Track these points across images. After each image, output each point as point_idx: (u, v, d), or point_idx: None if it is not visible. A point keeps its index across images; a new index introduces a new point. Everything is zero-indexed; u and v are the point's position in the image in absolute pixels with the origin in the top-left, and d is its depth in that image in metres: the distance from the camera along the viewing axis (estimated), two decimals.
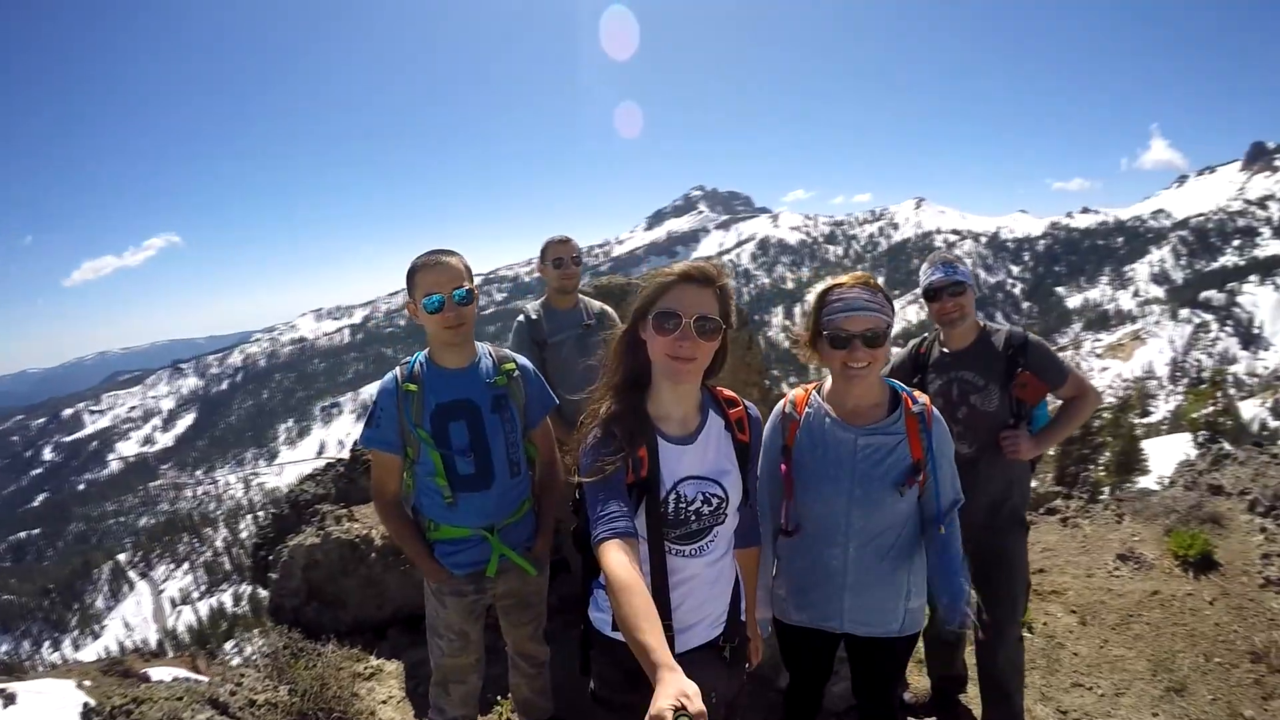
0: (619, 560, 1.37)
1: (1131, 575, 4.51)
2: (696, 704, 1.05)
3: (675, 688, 1.09)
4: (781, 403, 2.10)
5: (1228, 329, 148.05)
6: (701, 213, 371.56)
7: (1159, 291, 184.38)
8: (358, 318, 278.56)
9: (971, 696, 3.33)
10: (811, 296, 2.01)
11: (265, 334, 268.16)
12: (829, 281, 1.95)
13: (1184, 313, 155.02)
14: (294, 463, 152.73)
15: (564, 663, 2.58)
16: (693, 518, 1.63)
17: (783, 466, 1.99)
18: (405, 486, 2.30)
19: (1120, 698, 3.34)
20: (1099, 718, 3.21)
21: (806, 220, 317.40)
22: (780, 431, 2.03)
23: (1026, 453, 2.57)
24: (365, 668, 3.36)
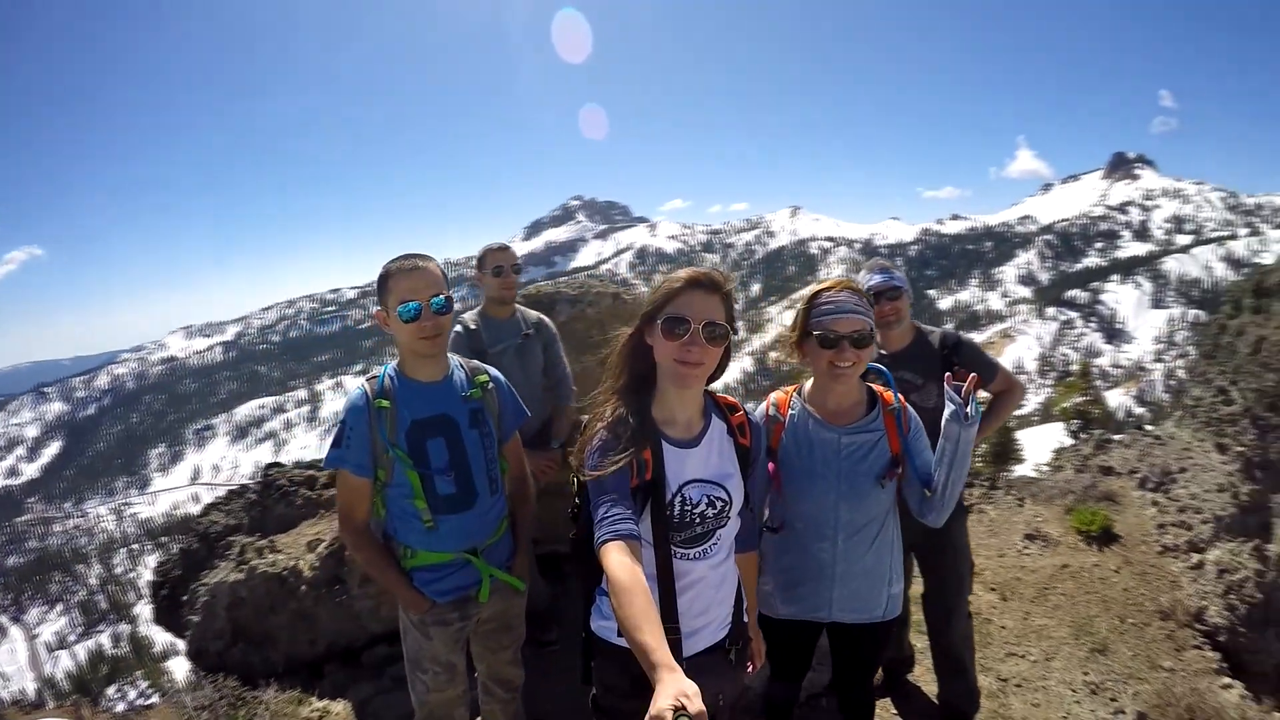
0: (620, 561, 1.38)
1: (1040, 552, 4.84)
2: (696, 704, 1.06)
3: (674, 688, 1.10)
4: (764, 405, 2.14)
5: (1092, 325, 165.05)
6: (580, 223, 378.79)
7: (1026, 292, 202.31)
8: (230, 334, 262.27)
9: (917, 675, 3.48)
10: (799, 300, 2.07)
11: (133, 353, 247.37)
12: (815, 286, 2.03)
13: (1050, 311, 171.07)
14: (168, 490, 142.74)
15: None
16: (697, 520, 1.64)
17: (770, 466, 2.03)
18: (375, 512, 2.14)
19: (1051, 662, 3.59)
20: (1036, 681, 3.44)
21: (684, 229, 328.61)
22: (765, 433, 2.06)
23: None
24: (311, 710, 3.09)
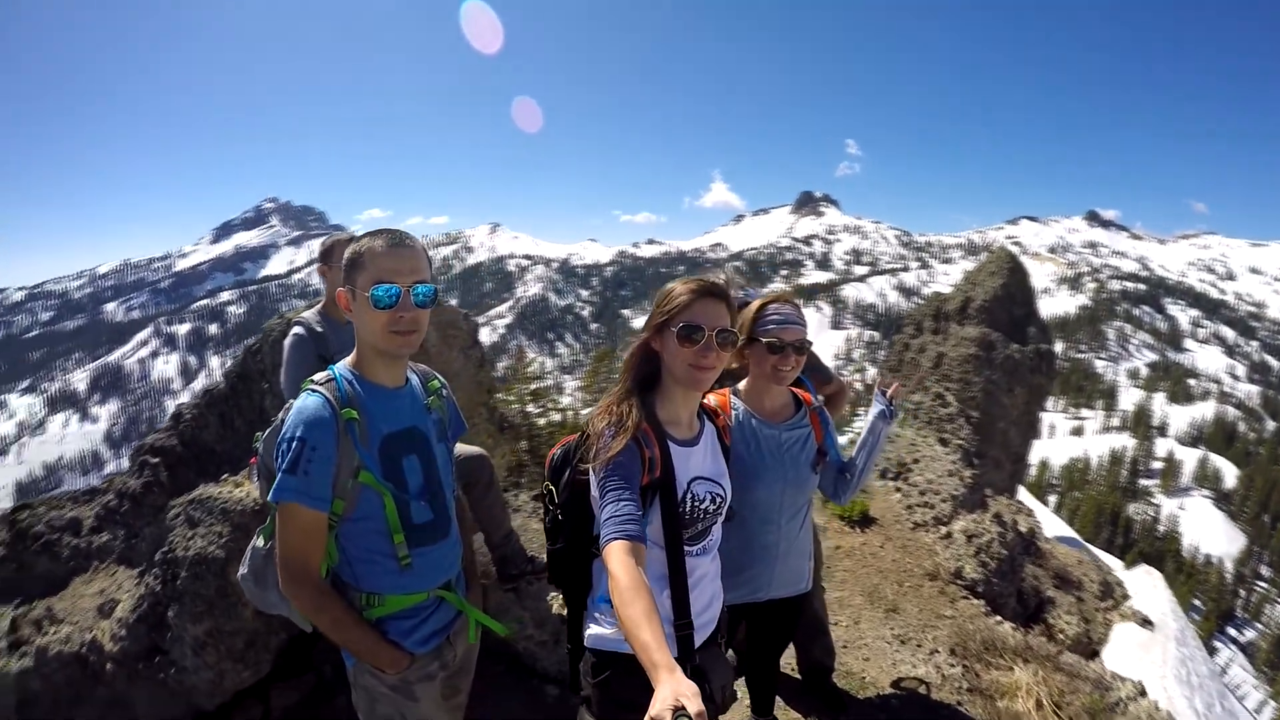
0: (625, 562, 1.43)
1: None
2: (695, 704, 1.09)
3: (673, 688, 1.14)
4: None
5: None
6: (273, 227, 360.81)
7: None
8: None
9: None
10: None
11: None
12: (762, 299, 2.32)
13: None
14: None
15: None
16: (701, 516, 1.75)
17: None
18: (327, 555, 1.76)
19: (859, 625, 4.36)
20: (856, 642, 4.16)
21: None
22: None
23: None
24: None
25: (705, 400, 1.99)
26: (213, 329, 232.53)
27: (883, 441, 2.38)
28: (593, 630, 1.73)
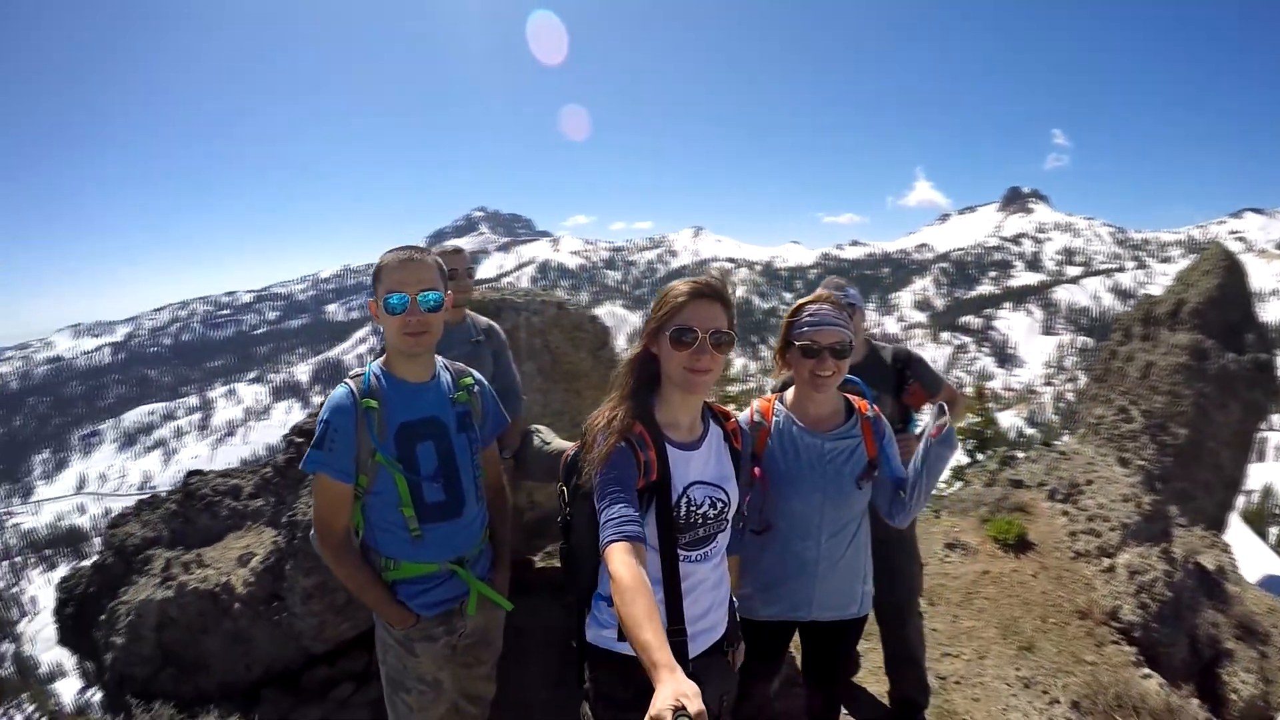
0: (626, 562, 1.41)
1: (961, 560, 5.12)
2: (696, 704, 1.08)
3: (674, 688, 1.12)
4: (748, 412, 2.23)
5: (985, 349, 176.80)
6: (483, 234, 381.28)
7: (922, 317, 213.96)
8: (120, 335, 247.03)
9: (860, 678, 3.61)
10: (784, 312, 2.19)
11: (17, 351, 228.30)
12: (801, 299, 2.15)
13: (945, 335, 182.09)
14: (52, 499, 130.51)
15: None
16: (700, 522, 1.69)
17: (756, 471, 2.10)
18: (354, 522, 2.03)
19: (984, 660, 3.81)
20: (972, 678, 3.64)
21: (587, 245, 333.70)
22: (751, 439, 2.13)
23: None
24: None
25: (715, 404, 1.89)
26: None
27: (936, 459, 2.06)
28: (589, 628, 1.75)
